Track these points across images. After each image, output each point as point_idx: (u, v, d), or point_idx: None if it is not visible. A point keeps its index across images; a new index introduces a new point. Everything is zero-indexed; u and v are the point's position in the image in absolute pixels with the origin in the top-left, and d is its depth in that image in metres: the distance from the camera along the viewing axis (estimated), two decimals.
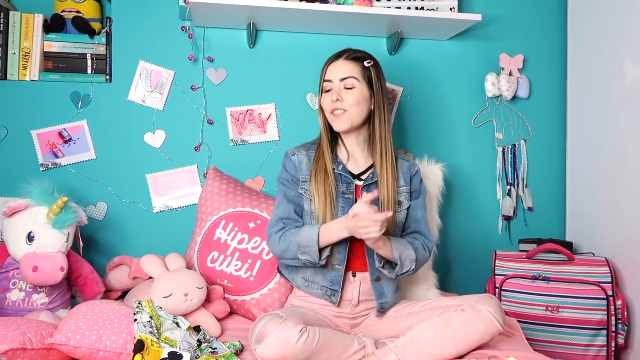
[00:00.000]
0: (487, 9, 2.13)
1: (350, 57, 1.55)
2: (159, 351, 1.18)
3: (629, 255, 1.85)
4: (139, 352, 1.14)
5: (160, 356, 1.17)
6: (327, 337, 1.30)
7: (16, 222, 1.46)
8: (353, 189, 1.54)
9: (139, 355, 1.13)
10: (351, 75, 1.53)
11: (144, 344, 1.16)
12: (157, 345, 1.19)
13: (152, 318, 1.25)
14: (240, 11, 1.81)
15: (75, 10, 1.89)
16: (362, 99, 1.53)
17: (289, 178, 1.59)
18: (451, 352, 1.31)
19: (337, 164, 1.57)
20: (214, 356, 1.28)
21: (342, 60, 1.55)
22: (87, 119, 1.91)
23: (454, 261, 2.13)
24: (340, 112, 1.53)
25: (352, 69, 1.54)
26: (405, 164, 1.62)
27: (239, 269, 1.71)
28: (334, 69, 1.55)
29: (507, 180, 2.16)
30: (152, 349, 1.17)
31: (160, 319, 1.29)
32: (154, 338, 1.20)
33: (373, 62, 1.58)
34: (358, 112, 1.53)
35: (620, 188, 1.88)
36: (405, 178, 1.59)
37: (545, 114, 2.20)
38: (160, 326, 1.26)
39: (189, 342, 1.28)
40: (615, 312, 1.78)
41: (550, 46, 2.20)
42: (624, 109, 1.87)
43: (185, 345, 1.26)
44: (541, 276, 1.84)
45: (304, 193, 1.55)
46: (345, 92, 1.53)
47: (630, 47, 1.85)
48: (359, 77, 1.54)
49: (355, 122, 1.54)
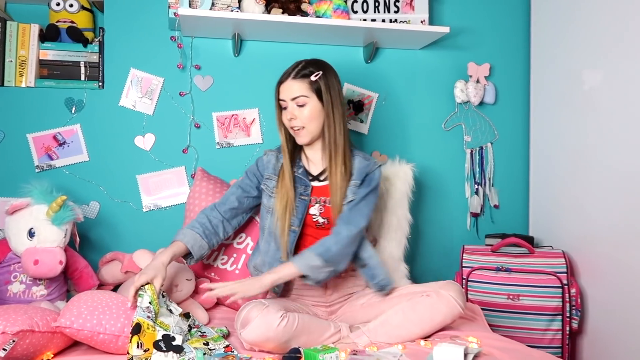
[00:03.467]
0: (456, 21, 2.27)
1: (297, 75, 1.61)
2: (153, 334, 1.30)
3: (584, 248, 2.01)
4: (136, 334, 1.26)
5: (154, 338, 1.30)
6: (306, 321, 1.43)
7: (18, 219, 1.57)
8: (309, 191, 1.66)
9: (136, 336, 1.25)
10: (301, 94, 1.60)
11: (140, 327, 1.28)
12: (153, 329, 1.31)
13: (152, 304, 1.37)
14: (226, 23, 1.94)
15: (70, 20, 2.00)
16: (316, 113, 1.61)
17: (253, 171, 1.75)
18: (418, 333, 1.46)
19: (299, 167, 1.69)
20: (203, 339, 1.41)
21: (290, 80, 1.62)
22: (81, 123, 2.01)
23: (425, 255, 2.27)
24: (298, 129, 1.63)
25: (300, 87, 1.60)
26: (364, 163, 1.66)
27: (225, 262, 1.84)
28: (284, 89, 1.63)
29: (475, 179, 2.31)
30: (148, 332, 1.29)
31: (159, 306, 1.41)
32: (150, 322, 1.32)
33: (320, 74, 1.62)
34: (315, 125, 1.62)
35: (578, 187, 2.03)
36: (360, 174, 1.64)
37: (510, 118, 2.34)
38: (158, 312, 1.38)
39: (181, 327, 1.41)
40: (569, 299, 1.94)
41: (514, 55, 2.35)
42: (583, 114, 2.01)
43: (177, 329, 1.38)
44: (504, 268, 2.00)
45: (266, 189, 1.70)
46: (299, 109, 1.61)
47: (588, 57, 1.98)
48: (308, 94, 1.60)
49: (315, 134, 1.64)
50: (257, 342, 1.36)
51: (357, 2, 2.12)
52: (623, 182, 1.81)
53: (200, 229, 1.64)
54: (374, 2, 2.13)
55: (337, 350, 1.29)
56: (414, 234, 2.14)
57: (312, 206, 1.66)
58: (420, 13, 2.13)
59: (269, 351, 1.38)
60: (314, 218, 1.66)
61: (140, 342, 1.25)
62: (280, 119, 1.68)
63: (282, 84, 1.65)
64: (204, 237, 1.64)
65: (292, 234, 1.64)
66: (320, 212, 1.65)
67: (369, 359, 1.29)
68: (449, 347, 1.27)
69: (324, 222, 1.65)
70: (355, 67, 2.22)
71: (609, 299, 1.88)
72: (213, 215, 1.70)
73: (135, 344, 1.24)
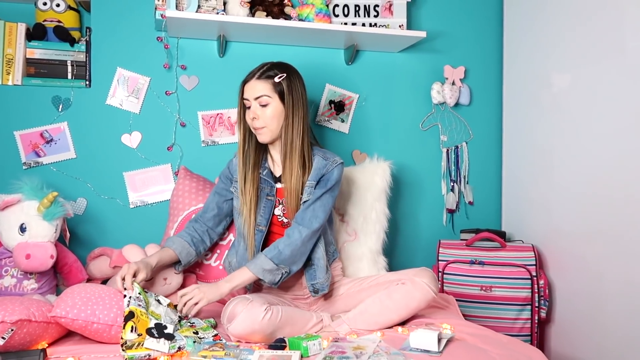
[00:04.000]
0: (432, 26, 2.37)
1: (262, 76, 1.66)
2: (146, 321, 1.37)
3: (552, 242, 2.13)
4: (130, 319, 1.32)
5: (147, 325, 1.36)
6: (289, 313, 1.51)
7: (9, 215, 1.61)
8: (274, 191, 1.73)
9: (131, 322, 1.32)
10: (264, 94, 1.64)
11: (134, 314, 1.34)
12: (145, 316, 1.38)
13: (141, 294, 1.44)
14: (212, 25, 2.00)
15: (57, 20, 2.03)
16: (277, 113, 1.66)
17: (226, 174, 1.82)
18: (395, 319, 1.55)
19: (264, 168, 1.75)
20: (193, 328, 1.47)
21: (254, 80, 1.66)
22: (68, 121, 2.05)
23: (403, 249, 2.36)
24: (259, 128, 1.67)
25: (264, 87, 1.64)
26: (321, 163, 1.68)
27: (209, 258, 1.90)
28: (249, 88, 1.67)
29: (451, 177, 2.42)
30: (142, 318, 1.35)
31: (147, 297, 1.47)
32: (143, 310, 1.38)
33: (284, 75, 1.66)
34: (276, 125, 1.67)
35: (548, 185, 2.14)
36: (316, 175, 1.67)
37: (484, 119, 2.45)
38: (148, 303, 1.45)
39: (171, 317, 1.47)
40: (538, 290, 2.06)
41: (488, 59, 2.45)
42: (552, 115, 2.12)
43: (168, 319, 1.45)
44: (477, 261, 2.11)
45: (234, 191, 1.77)
46: (261, 109, 1.65)
47: (556, 60, 2.10)
48: (271, 94, 1.64)
49: (275, 134, 1.68)
50: (243, 335, 1.42)
51: (339, 6, 2.20)
52: (588, 181, 1.93)
53: (188, 237, 1.74)
54: (355, 6, 2.21)
55: (319, 338, 1.38)
56: (393, 229, 2.23)
57: (276, 207, 1.73)
58: (398, 18, 2.22)
59: (255, 342, 1.44)
60: (279, 218, 1.73)
61: (134, 327, 1.31)
62: (242, 118, 1.72)
63: (246, 83, 1.68)
64: (192, 245, 1.73)
65: (259, 234, 1.70)
66: (283, 213, 1.72)
67: (349, 345, 1.38)
68: (424, 333, 1.36)
69: (288, 222, 1.71)
70: (337, 68, 2.30)
71: (574, 290, 2.00)
72: (197, 227, 1.78)
73: (129, 329, 1.30)
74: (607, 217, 1.84)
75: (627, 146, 1.77)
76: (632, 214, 1.75)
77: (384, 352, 1.32)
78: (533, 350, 1.43)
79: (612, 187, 1.83)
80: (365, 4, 2.21)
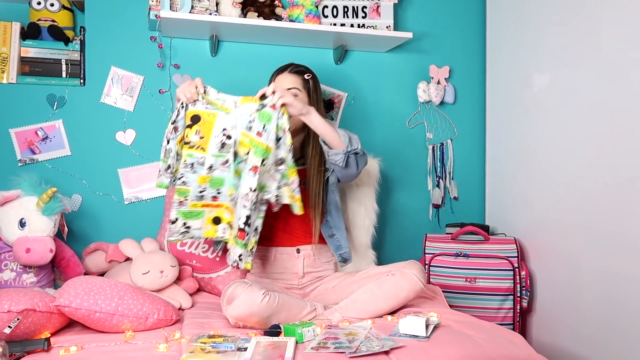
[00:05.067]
0: (418, 27, 2.45)
1: (293, 70, 1.84)
2: (212, 122, 1.59)
3: (533, 235, 2.22)
4: (196, 123, 1.56)
5: (212, 126, 1.59)
6: (285, 300, 1.57)
7: (8, 210, 1.65)
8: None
9: (196, 125, 1.56)
10: (295, 86, 1.80)
11: (199, 117, 1.57)
12: (212, 117, 1.60)
13: (210, 104, 1.62)
14: (204, 25, 2.05)
15: (51, 19, 2.06)
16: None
17: None
18: (385, 309, 1.62)
19: None
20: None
21: (287, 73, 1.83)
22: (63, 119, 2.08)
23: (391, 243, 2.44)
24: None
25: (295, 81, 1.81)
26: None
27: (206, 250, 1.95)
28: (280, 80, 1.82)
29: (437, 173, 2.50)
30: (208, 120, 1.58)
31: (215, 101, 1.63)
32: (211, 111, 1.61)
33: (312, 75, 1.86)
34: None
35: (530, 180, 2.22)
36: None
37: (468, 117, 2.53)
38: (217, 106, 1.63)
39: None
40: (520, 281, 2.15)
41: (472, 59, 2.54)
42: (533, 113, 2.20)
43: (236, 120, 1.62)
44: (462, 253, 2.19)
45: None
46: None
47: (537, 61, 2.18)
48: (301, 88, 1.81)
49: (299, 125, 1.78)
50: (242, 317, 1.49)
51: (328, 7, 2.26)
52: (567, 177, 2.02)
53: None
54: (344, 7, 2.28)
55: (314, 325, 1.44)
56: (381, 223, 2.30)
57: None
58: (386, 19, 2.30)
59: (252, 326, 1.51)
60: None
61: (198, 129, 1.56)
62: None
63: (279, 75, 1.84)
64: None
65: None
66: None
67: (342, 332, 1.44)
68: (412, 319, 1.43)
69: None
70: (326, 68, 2.36)
71: (554, 281, 2.09)
72: None
73: (193, 132, 1.55)
74: (585, 210, 1.93)
75: (604, 143, 1.86)
76: (609, 207, 1.84)
77: (374, 337, 1.39)
78: (514, 335, 1.52)
79: (590, 182, 1.92)
80: (354, 5, 2.28)
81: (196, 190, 1.62)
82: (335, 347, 1.32)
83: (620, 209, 1.79)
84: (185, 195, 1.62)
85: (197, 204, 1.63)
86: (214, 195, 1.64)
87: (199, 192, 1.63)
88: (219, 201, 1.65)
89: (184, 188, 1.62)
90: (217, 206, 1.65)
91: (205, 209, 1.65)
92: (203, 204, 1.64)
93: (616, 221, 1.81)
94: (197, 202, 1.63)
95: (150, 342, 1.37)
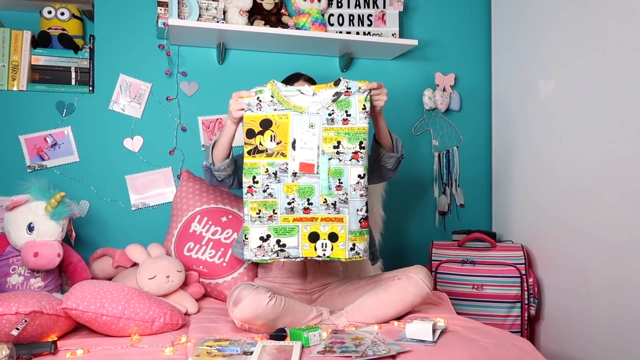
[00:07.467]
0: (424, 35, 2.47)
1: (306, 79, 1.89)
2: (287, 123, 1.52)
3: (540, 242, 2.21)
4: (268, 129, 1.50)
5: (288, 128, 1.52)
6: (291, 304, 1.57)
7: (17, 215, 1.66)
8: None
9: (268, 131, 1.50)
10: None
11: (271, 122, 1.50)
12: (285, 118, 1.52)
13: (274, 96, 1.55)
14: (212, 33, 2.08)
15: (61, 28, 2.09)
16: None
17: None
18: (391, 313, 1.61)
19: None
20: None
21: (302, 81, 1.88)
22: (72, 126, 2.10)
23: (398, 250, 2.43)
24: None
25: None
26: None
27: (213, 256, 1.95)
28: (297, 85, 1.83)
29: (443, 180, 2.50)
30: (281, 122, 1.51)
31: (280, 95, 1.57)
32: (281, 112, 1.53)
33: None
34: None
35: (536, 187, 2.22)
36: None
37: (474, 124, 2.54)
38: (282, 100, 1.56)
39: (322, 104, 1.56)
40: (527, 288, 2.14)
41: (477, 66, 2.55)
42: (539, 120, 2.21)
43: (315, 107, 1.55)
44: (469, 260, 2.18)
45: None
46: None
47: (543, 68, 2.19)
48: None
49: None
50: (247, 319, 1.49)
51: (334, 15, 2.29)
52: (574, 183, 2.02)
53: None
54: (349, 15, 2.30)
55: (320, 329, 1.43)
56: (387, 230, 2.30)
57: None
58: (391, 27, 2.31)
59: (257, 330, 1.50)
60: None
61: (273, 135, 1.47)
62: None
63: (295, 82, 1.87)
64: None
65: None
66: None
67: (348, 336, 1.44)
68: (419, 324, 1.42)
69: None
70: (332, 75, 2.37)
71: (562, 288, 2.08)
72: None
73: (268, 138, 1.46)
74: (593, 217, 1.93)
75: (611, 149, 1.86)
76: (617, 214, 1.83)
77: (381, 342, 1.38)
78: (522, 341, 1.50)
79: (597, 188, 1.91)
80: (360, 13, 2.30)
81: (284, 201, 1.53)
82: (341, 351, 1.31)
83: (628, 215, 1.78)
84: (273, 208, 1.52)
85: (288, 217, 1.53)
86: (305, 207, 1.53)
87: (287, 204, 1.53)
88: (312, 213, 1.53)
89: (270, 200, 1.52)
90: (311, 219, 1.54)
91: (298, 223, 1.55)
92: (295, 217, 1.54)
93: (624, 228, 1.80)
94: (289, 216, 1.53)
95: (156, 345, 1.37)
